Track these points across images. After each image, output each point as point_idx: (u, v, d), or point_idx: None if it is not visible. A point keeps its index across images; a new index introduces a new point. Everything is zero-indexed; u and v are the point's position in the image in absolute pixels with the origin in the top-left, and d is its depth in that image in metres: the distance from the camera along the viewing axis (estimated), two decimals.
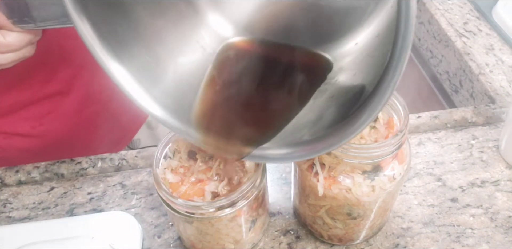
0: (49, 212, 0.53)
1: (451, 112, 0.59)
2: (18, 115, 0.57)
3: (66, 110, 0.60)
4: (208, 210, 0.37)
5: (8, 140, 0.58)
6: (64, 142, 0.62)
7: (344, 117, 0.30)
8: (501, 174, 0.53)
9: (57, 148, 0.62)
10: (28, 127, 0.58)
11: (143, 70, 0.34)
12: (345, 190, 0.38)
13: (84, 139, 0.65)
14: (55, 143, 0.61)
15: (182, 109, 0.36)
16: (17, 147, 0.59)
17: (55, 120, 0.60)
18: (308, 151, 0.31)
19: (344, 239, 0.46)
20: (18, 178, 0.56)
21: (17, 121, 0.57)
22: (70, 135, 0.62)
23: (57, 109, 0.60)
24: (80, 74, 0.60)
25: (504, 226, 0.48)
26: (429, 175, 0.53)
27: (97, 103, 0.64)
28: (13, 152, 0.59)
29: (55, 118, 0.60)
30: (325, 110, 0.34)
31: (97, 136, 0.66)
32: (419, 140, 0.57)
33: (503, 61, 0.66)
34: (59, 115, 0.60)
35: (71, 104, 0.60)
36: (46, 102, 0.58)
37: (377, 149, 0.35)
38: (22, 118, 0.58)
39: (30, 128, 0.59)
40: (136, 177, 0.56)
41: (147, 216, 0.52)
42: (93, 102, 0.63)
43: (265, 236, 0.49)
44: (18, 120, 0.57)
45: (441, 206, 0.50)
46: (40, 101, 0.58)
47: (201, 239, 0.43)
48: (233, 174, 0.40)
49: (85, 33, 0.30)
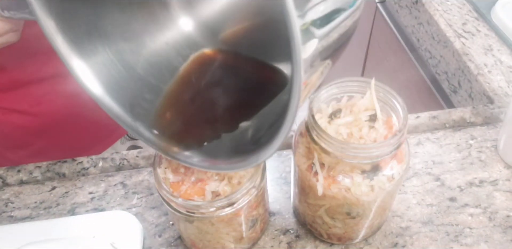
0: (50, 212, 0.53)
1: (449, 112, 0.59)
2: (17, 93, 0.59)
3: (63, 92, 0.61)
4: (209, 209, 0.38)
5: (6, 115, 0.60)
6: (62, 123, 0.64)
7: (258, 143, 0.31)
8: (499, 173, 0.53)
9: (54, 129, 0.64)
10: (26, 105, 0.60)
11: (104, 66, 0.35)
12: (345, 189, 0.38)
13: (81, 121, 0.66)
14: (52, 123, 0.63)
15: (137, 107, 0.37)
16: (14, 123, 0.61)
17: (53, 101, 0.61)
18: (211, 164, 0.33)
19: (344, 238, 0.47)
20: (20, 178, 0.57)
21: (16, 98, 0.59)
22: (67, 117, 0.64)
23: (55, 90, 0.61)
24: None
25: (502, 225, 0.48)
26: (428, 174, 0.53)
27: None
28: (11, 127, 0.61)
29: (53, 99, 0.61)
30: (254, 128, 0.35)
31: (94, 120, 0.67)
32: (418, 140, 0.57)
33: (502, 62, 0.66)
34: (57, 96, 0.61)
35: (69, 86, 0.61)
36: (45, 83, 0.60)
37: (376, 148, 0.35)
38: (22, 96, 0.59)
39: (28, 106, 0.60)
40: (137, 177, 0.56)
41: (148, 215, 0.52)
42: None
43: (265, 235, 0.49)
44: (17, 97, 0.59)
45: (439, 206, 0.50)
46: (40, 81, 0.59)
47: (202, 238, 0.43)
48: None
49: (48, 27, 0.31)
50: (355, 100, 0.40)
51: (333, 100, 0.41)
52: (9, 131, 0.61)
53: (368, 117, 0.40)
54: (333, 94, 0.40)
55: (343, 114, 0.40)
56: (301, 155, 0.40)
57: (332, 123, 0.40)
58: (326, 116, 0.40)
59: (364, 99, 0.40)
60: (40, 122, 0.62)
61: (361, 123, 0.39)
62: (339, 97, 0.41)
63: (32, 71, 0.58)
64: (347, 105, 0.41)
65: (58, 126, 0.64)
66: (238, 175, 0.40)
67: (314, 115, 0.37)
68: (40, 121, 0.62)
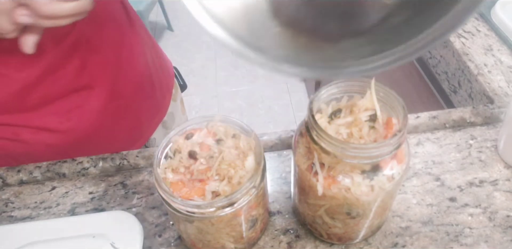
0: (50, 212, 0.53)
1: (449, 112, 0.59)
2: (46, 110, 0.57)
3: (92, 105, 0.60)
4: (209, 209, 0.38)
5: (36, 135, 0.58)
6: (88, 138, 0.62)
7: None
8: (499, 173, 0.53)
9: (81, 145, 0.62)
10: (56, 122, 0.58)
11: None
12: (344, 189, 0.38)
13: (106, 135, 0.65)
14: (80, 139, 0.61)
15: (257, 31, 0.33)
16: (44, 142, 0.59)
17: (82, 115, 0.60)
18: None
19: (344, 238, 0.47)
20: (20, 178, 0.57)
21: (45, 116, 0.57)
22: (94, 131, 0.62)
23: (84, 104, 0.59)
24: (106, 69, 0.60)
25: (502, 225, 0.48)
26: (428, 174, 0.53)
27: (121, 98, 0.64)
28: (40, 147, 0.59)
29: (82, 113, 0.60)
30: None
31: (118, 133, 0.67)
32: (418, 140, 0.57)
33: (502, 62, 0.66)
34: (86, 110, 0.60)
35: (97, 99, 0.60)
36: (74, 96, 0.58)
37: (376, 148, 0.35)
38: (51, 113, 0.57)
39: (58, 123, 0.58)
40: (137, 177, 0.56)
41: (148, 215, 0.52)
42: (117, 97, 0.63)
43: (265, 235, 0.49)
44: (46, 115, 0.57)
45: (439, 206, 0.50)
46: (68, 95, 0.58)
47: (202, 238, 0.43)
48: None
49: None
50: (355, 100, 0.40)
51: (333, 100, 0.41)
52: (36, 151, 0.60)
53: (368, 117, 0.40)
54: (333, 94, 0.40)
55: (343, 114, 0.40)
56: (301, 155, 0.40)
57: (332, 123, 0.40)
58: (326, 116, 0.40)
59: (364, 99, 0.40)
60: (68, 140, 0.60)
61: (361, 123, 0.39)
62: (339, 97, 0.41)
63: (63, 84, 0.56)
64: (347, 105, 0.41)
65: (86, 141, 0.62)
66: (238, 175, 0.40)
67: (314, 115, 0.37)
68: (69, 139, 0.60)
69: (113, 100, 0.62)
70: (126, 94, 0.65)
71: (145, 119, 0.72)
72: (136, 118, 0.69)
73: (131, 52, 0.64)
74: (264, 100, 2.00)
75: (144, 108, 0.70)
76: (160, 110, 0.75)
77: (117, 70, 0.62)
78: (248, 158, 0.41)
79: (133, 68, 0.65)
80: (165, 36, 2.39)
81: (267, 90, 2.03)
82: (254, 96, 2.02)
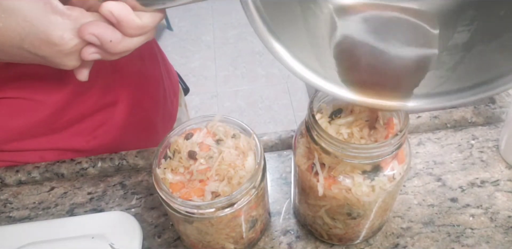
0: (49, 212, 0.53)
1: (451, 112, 0.59)
2: (72, 130, 0.56)
3: (116, 121, 0.60)
4: (208, 210, 0.37)
5: (61, 156, 0.57)
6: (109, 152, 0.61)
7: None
8: (501, 174, 0.53)
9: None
10: (82, 141, 0.57)
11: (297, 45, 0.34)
12: (345, 190, 0.38)
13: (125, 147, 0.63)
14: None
15: (328, 72, 0.35)
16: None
17: (107, 132, 0.59)
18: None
19: (344, 239, 0.46)
20: (19, 178, 0.56)
21: (71, 136, 0.56)
22: (117, 146, 0.61)
23: (108, 121, 0.59)
24: (126, 83, 0.60)
25: (504, 226, 0.48)
26: (429, 175, 0.53)
27: (141, 111, 0.64)
28: None
29: (107, 130, 0.59)
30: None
31: (136, 144, 0.65)
32: (419, 140, 0.57)
33: None
34: (110, 127, 0.59)
35: (120, 114, 0.60)
36: (99, 115, 0.57)
37: (377, 149, 0.35)
38: (76, 133, 0.56)
39: (84, 143, 0.58)
40: (136, 177, 0.56)
41: (147, 216, 0.52)
42: (138, 111, 0.63)
43: (265, 236, 0.49)
44: (72, 135, 0.56)
45: (441, 206, 0.50)
46: (94, 114, 0.57)
47: (201, 239, 0.43)
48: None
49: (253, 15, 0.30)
50: None
51: (333, 100, 0.41)
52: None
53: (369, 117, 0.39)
54: None
55: (344, 114, 0.40)
56: (301, 155, 0.40)
57: (332, 123, 0.40)
58: (326, 116, 0.40)
59: None
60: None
61: (362, 123, 0.39)
62: None
63: (90, 104, 0.56)
64: (347, 105, 0.40)
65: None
66: (238, 175, 0.39)
67: (314, 115, 0.37)
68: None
69: (134, 114, 0.62)
70: (145, 106, 0.64)
71: (160, 128, 0.71)
72: (153, 128, 0.69)
73: (148, 63, 0.64)
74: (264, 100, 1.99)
75: (159, 118, 0.70)
76: (171, 117, 0.75)
77: (136, 84, 0.61)
78: (248, 158, 0.40)
79: (149, 80, 0.65)
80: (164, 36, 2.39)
81: (267, 90, 2.03)
82: (254, 96, 2.01)
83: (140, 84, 0.62)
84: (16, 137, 0.53)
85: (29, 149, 0.55)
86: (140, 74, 0.62)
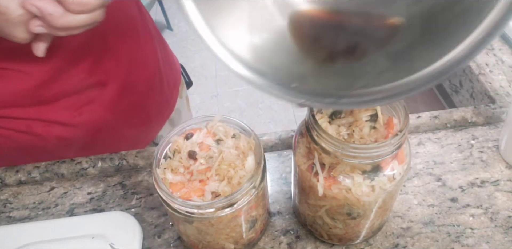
0: (49, 212, 0.53)
1: (451, 112, 0.59)
2: (59, 104, 0.58)
3: (104, 101, 0.61)
4: (208, 210, 0.37)
5: (47, 128, 0.59)
6: (99, 133, 0.63)
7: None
8: (500, 174, 0.53)
9: (93, 139, 0.63)
10: (68, 116, 0.59)
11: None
12: (345, 190, 0.38)
13: (116, 131, 0.66)
14: (91, 133, 0.62)
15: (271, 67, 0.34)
16: (56, 135, 0.60)
17: (93, 110, 0.61)
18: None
19: (344, 239, 0.46)
20: (18, 178, 0.56)
21: (58, 110, 0.58)
22: (105, 126, 0.63)
23: (95, 99, 0.61)
24: (119, 65, 0.61)
25: (504, 226, 0.48)
26: (429, 175, 0.53)
27: (132, 95, 0.65)
28: (52, 140, 0.60)
29: (94, 108, 0.61)
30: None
31: (128, 130, 0.68)
32: (419, 140, 0.57)
33: (503, 61, 0.66)
34: (98, 105, 0.61)
35: (109, 95, 0.62)
36: (86, 92, 0.59)
37: (377, 149, 0.35)
38: (63, 107, 0.59)
39: (70, 117, 0.60)
40: (136, 177, 0.56)
41: (147, 216, 0.52)
42: (129, 94, 0.64)
43: (265, 236, 0.49)
44: (59, 109, 0.58)
45: (441, 206, 0.50)
46: (82, 91, 0.59)
47: (201, 239, 0.43)
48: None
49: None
50: None
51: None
52: (48, 144, 0.60)
53: (369, 117, 0.39)
54: None
55: (344, 114, 0.40)
56: (301, 155, 0.40)
57: (332, 123, 0.40)
58: (326, 116, 0.40)
59: None
60: (80, 134, 0.61)
61: (362, 123, 0.39)
62: None
63: (77, 80, 0.57)
64: None
65: (97, 136, 0.63)
66: (238, 175, 0.39)
67: (314, 115, 0.37)
68: (80, 132, 0.61)
69: (125, 96, 0.63)
70: (137, 90, 0.65)
71: (154, 115, 0.72)
72: (145, 114, 0.70)
73: (143, 47, 0.65)
74: (264, 100, 1.99)
75: (154, 105, 0.71)
76: (168, 107, 0.76)
77: (130, 67, 0.62)
78: (248, 158, 0.40)
79: (145, 64, 0.66)
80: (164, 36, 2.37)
81: None
82: (254, 96, 2.01)
83: (133, 67, 0.63)
84: (2, 104, 0.55)
85: (16, 117, 0.57)
86: (134, 56, 0.63)
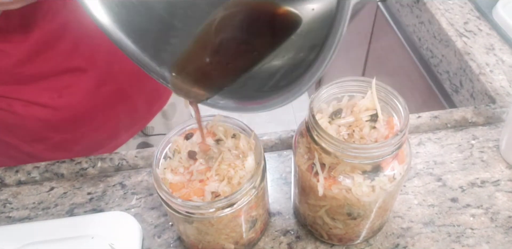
0: (49, 212, 0.53)
1: (451, 112, 0.58)
2: (38, 85, 0.59)
3: (84, 86, 0.62)
4: (208, 210, 0.37)
5: (27, 107, 0.60)
6: (81, 117, 0.64)
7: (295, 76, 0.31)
8: (501, 174, 0.53)
9: (74, 123, 0.64)
10: (47, 97, 0.60)
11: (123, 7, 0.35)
12: (345, 190, 0.38)
13: (99, 117, 0.67)
14: (72, 117, 0.64)
15: (162, 52, 0.37)
16: (35, 116, 0.61)
17: (74, 94, 0.62)
18: (260, 104, 0.34)
19: (344, 239, 0.46)
20: (18, 178, 0.56)
21: (37, 91, 0.59)
22: (87, 111, 0.64)
23: (76, 84, 0.62)
24: (100, 52, 0.62)
25: (504, 226, 0.48)
26: (429, 175, 0.53)
27: (114, 83, 0.66)
28: (32, 120, 0.61)
29: (74, 92, 0.62)
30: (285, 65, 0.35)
31: (112, 116, 0.69)
32: (419, 140, 0.57)
33: (504, 61, 0.66)
34: (78, 90, 0.62)
35: (90, 81, 0.63)
36: (66, 76, 0.60)
37: (377, 149, 0.35)
38: (42, 88, 0.59)
39: (49, 99, 0.60)
40: (136, 177, 0.56)
41: (147, 216, 0.52)
42: (111, 81, 0.65)
43: (265, 236, 0.49)
44: (38, 90, 0.59)
45: (441, 206, 0.50)
46: (61, 74, 0.60)
47: (201, 239, 0.43)
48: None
49: None
50: (356, 100, 0.40)
51: (333, 100, 0.41)
52: (28, 124, 0.62)
53: (369, 117, 0.39)
54: (333, 94, 0.40)
55: (344, 114, 0.40)
56: (301, 155, 0.40)
57: (332, 123, 0.40)
58: (326, 116, 0.40)
59: (365, 99, 0.39)
60: (59, 116, 0.63)
61: (362, 123, 0.39)
62: (340, 97, 0.40)
63: (55, 63, 0.59)
64: (348, 105, 0.40)
65: (77, 120, 0.65)
66: (238, 175, 0.39)
67: (314, 115, 0.37)
68: (60, 115, 0.62)
69: (106, 83, 0.64)
70: (120, 79, 0.66)
71: (142, 106, 0.73)
72: (131, 104, 0.71)
73: None
74: None
75: (142, 96, 0.71)
76: (160, 99, 0.76)
77: (111, 55, 0.63)
78: (248, 158, 0.40)
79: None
80: None
81: None
82: None
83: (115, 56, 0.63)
84: None
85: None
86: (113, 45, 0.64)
